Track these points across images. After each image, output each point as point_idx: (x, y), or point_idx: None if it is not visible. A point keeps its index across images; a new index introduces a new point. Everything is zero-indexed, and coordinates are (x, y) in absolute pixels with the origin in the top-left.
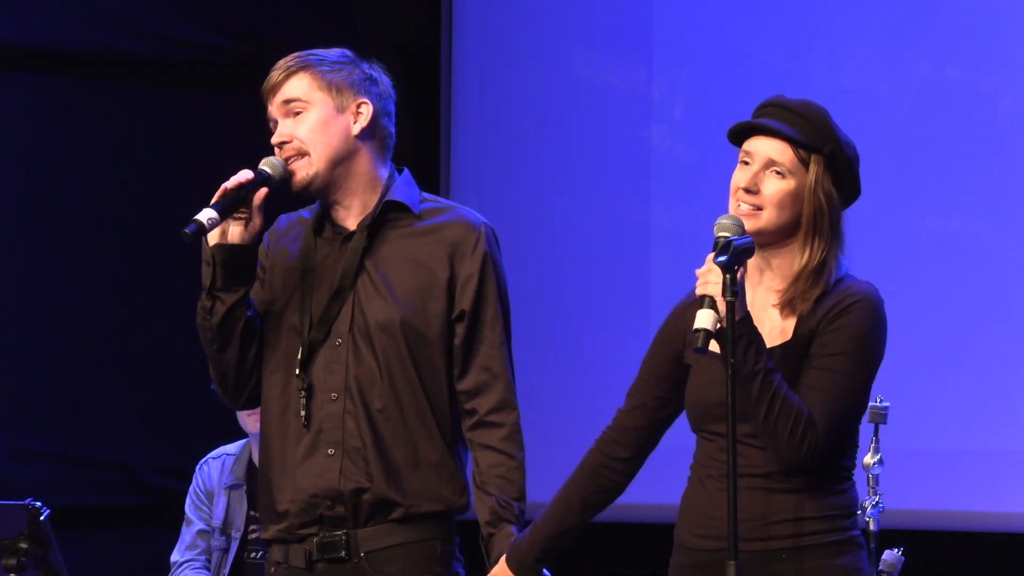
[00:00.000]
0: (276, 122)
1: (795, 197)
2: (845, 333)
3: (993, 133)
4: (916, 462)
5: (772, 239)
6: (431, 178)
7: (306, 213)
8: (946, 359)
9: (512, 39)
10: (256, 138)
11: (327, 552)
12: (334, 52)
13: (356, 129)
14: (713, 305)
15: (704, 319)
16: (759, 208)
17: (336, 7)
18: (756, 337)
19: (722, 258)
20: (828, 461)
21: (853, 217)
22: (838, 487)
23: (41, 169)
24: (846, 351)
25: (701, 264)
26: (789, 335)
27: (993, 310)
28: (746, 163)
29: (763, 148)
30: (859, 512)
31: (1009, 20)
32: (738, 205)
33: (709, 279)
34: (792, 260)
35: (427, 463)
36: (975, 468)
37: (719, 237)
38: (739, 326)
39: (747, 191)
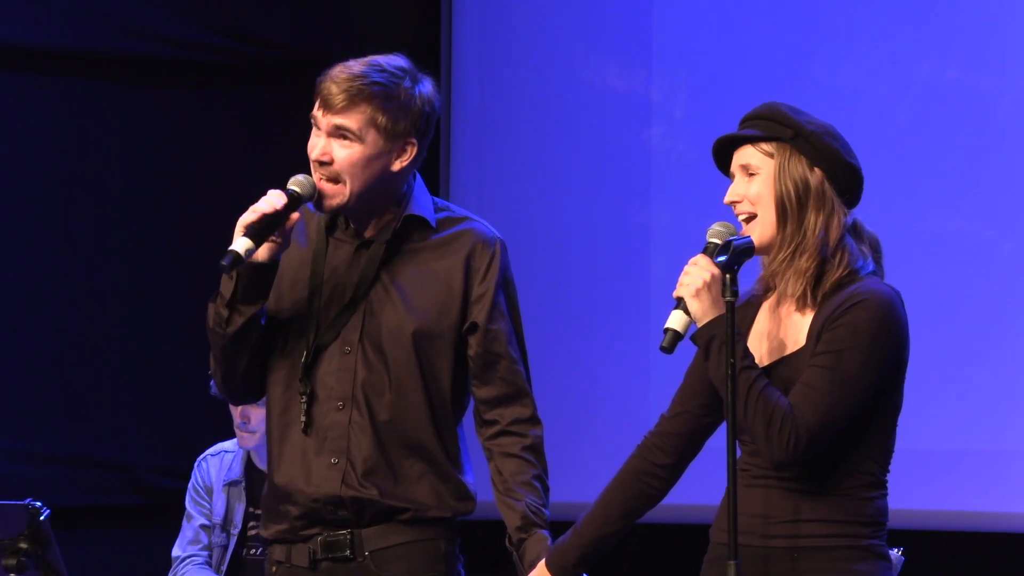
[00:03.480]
0: (318, 127)
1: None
2: (842, 331)
3: (993, 133)
4: (916, 462)
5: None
6: (431, 178)
7: (311, 205)
8: (946, 359)
9: (512, 39)
10: (257, 138)
11: (331, 551)
12: (397, 75)
13: (396, 166)
14: (685, 308)
15: (674, 320)
16: (752, 215)
17: (336, 7)
18: (730, 336)
19: (721, 258)
20: (845, 465)
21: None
22: (859, 496)
23: (41, 169)
24: (840, 348)
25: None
26: (802, 342)
27: (993, 310)
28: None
29: (737, 160)
30: (883, 524)
31: (1009, 21)
32: (739, 219)
33: (683, 281)
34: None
35: (432, 474)
36: (975, 468)
37: (709, 242)
38: (712, 326)
39: (735, 203)
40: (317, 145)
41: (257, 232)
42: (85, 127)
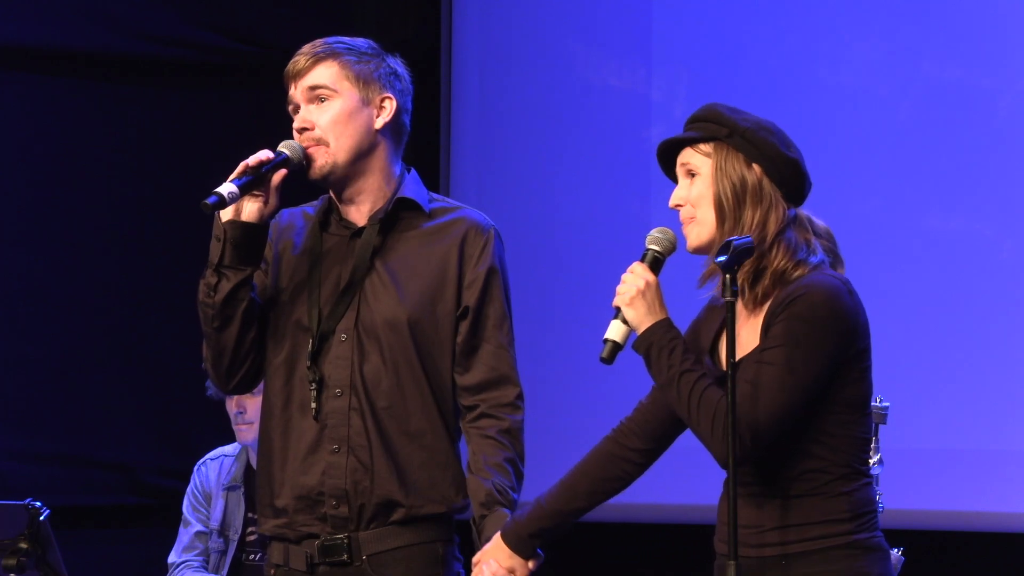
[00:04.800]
0: (297, 107)
1: None
2: (784, 326)
3: (993, 133)
4: (916, 462)
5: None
6: (431, 178)
7: (309, 209)
8: (946, 359)
9: (512, 39)
10: (256, 138)
11: (329, 555)
12: (361, 42)
13: (379, 123)
14: (624, 318)
15: (613, 330)
16: (692, 217)
17: (336, 7)
18: (668, 342)
19: (722, 258)
20: (815, 461)
21: (856, 217)
22: (835, 492)
23: (41, 169)
24: (782, 343)
25: (697, 268)
26: (756, 342)
27: (993, 310)
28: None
29: (678, 163)
30: (868, 514)
31: (1009, 20)
32: (682, 222)
33: (619, 290)
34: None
35: (432, 462)
36: (975, 468)
37: (648, 249)
38: (649, 334)
39: (679, 207)
40: (297, 118)
41: (241, 182)
42: (85, 127)
